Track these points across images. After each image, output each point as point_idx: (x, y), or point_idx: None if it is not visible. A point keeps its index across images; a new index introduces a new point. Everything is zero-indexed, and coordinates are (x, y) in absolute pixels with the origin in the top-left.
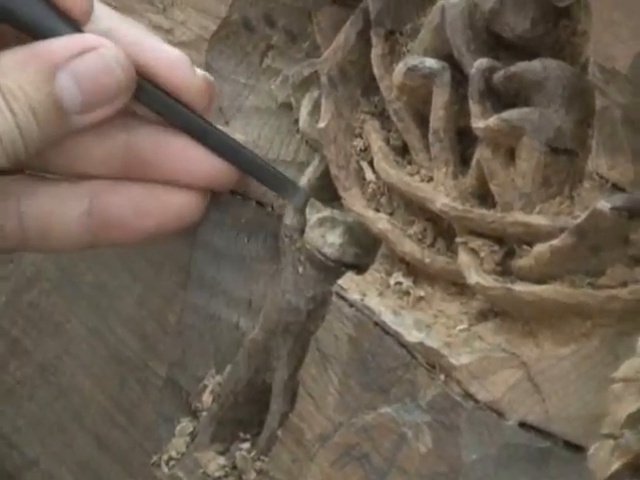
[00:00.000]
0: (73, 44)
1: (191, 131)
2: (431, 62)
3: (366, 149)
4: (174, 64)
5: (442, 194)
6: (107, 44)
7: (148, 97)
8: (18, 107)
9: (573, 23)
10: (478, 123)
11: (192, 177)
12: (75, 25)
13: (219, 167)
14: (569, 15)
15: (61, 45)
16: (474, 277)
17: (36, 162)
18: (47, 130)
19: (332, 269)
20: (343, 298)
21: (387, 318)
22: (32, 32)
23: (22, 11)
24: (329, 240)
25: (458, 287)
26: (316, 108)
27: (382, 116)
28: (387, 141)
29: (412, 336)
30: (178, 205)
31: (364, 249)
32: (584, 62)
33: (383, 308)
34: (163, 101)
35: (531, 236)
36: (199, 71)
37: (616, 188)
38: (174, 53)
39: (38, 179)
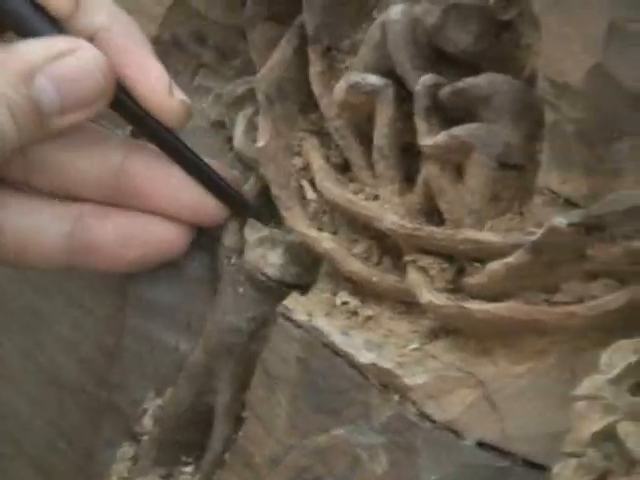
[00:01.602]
0: (52, 47)
1: (160, 145)
2: (373, 79)
3: (305, 168)
4: (152, 85)
5: (389, 212)
6: (86, 46)
7: (124, 108)
8: None
9: (516, 36)
10: (425, 140)
11: (182, 210)
12: (56, 23)
13: (210, 204)
14: (511, 28)
15: (40, 47)
16: (426, 296)
17: (25, 175)
18: (25, 131)
19: (273, 289)
20: (289, 319)
21: (336, 339)
22: (12, 27)
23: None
24: (270, 260)
25: (406, 305)
26: (250, 126)
27: (321, 134)
28: (327, 159)
29: (363, 357)
30: (163, 238)
31: (305, 268)
32: (528, 76)
33: (331, 328)
34: (137, 114)
35: (482, 253)
36: (178, 93)
37: (569, 203)
38: (155, 72)
39: (23, 193)
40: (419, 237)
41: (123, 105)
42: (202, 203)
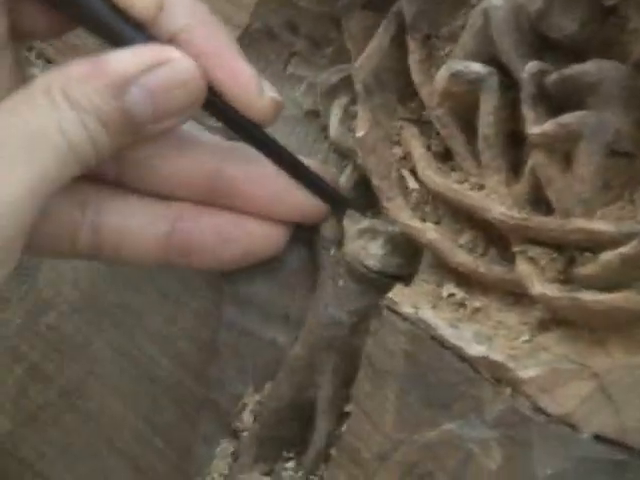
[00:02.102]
0: (144, 57)
1: (253, 143)
2: (477, 67)
3: (406, 157)
4: (243, 86)
5: (497, 202)
6: (178, 56)
7: (214, 107)
8: (89, 120)
9: (622, 21)
10: (533, 129)
11: (281, 210)
12: (142, 28)
13: (309, 202)
14: (617, 13)
15: (132, 58)
16: (538, 287)
17: (120, 175)
18: (118, 140)
19: (374, 281)
20: (395, 312)
21: (445, 331)
22: (96, 31)
23: (88, 9)
24: (371, 251)
25: (514, 297)
26: (346, 115)
27: (420, 122)
28: (428, 148)
29: (473, 349)
30: (262, 236)
31: (406, 259)
32: (635, 61)
33: (439, 321)
34: (227, 113)
35: (594, 243)
36: (268, 91)
37: None
38: (244, 73)
39: (120, 192)
40: (528, 227)
41: (213, 105)
42: (302, 203)
